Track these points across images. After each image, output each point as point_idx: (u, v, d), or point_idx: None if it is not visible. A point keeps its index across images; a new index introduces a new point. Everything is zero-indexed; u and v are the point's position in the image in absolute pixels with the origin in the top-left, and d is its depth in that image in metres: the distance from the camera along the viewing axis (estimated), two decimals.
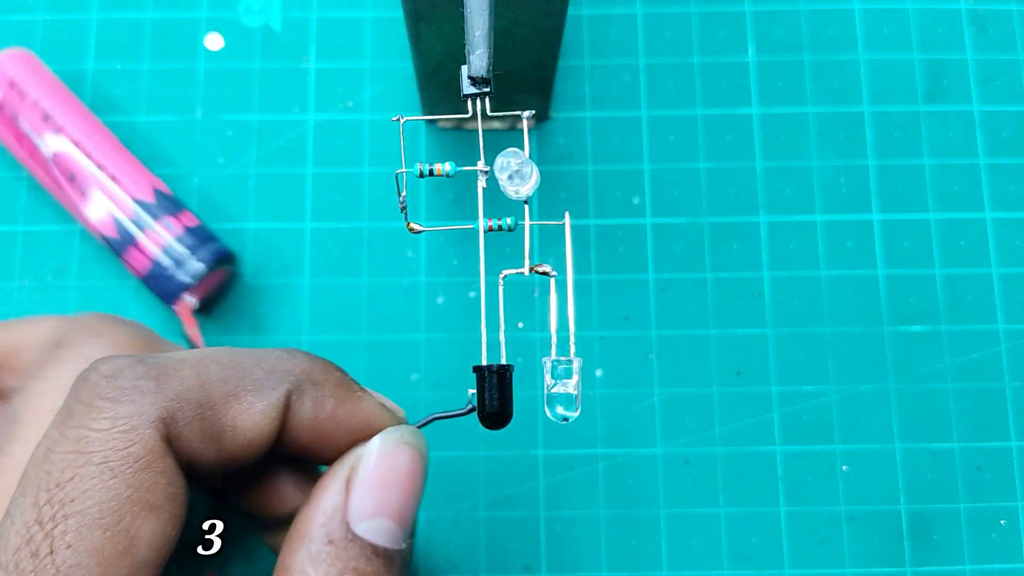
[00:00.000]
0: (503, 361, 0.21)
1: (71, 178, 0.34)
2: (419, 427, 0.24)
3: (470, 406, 0.23)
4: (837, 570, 0.34)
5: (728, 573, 0.34)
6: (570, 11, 0.29)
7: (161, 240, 0.34)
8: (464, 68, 0.21)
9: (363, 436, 0.23)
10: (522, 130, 0.36)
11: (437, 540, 0.34)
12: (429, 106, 0.35)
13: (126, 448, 0.20)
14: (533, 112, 0.22)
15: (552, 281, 0.22)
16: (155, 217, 0.34)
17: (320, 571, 0.21)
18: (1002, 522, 0.34)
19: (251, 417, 0.21)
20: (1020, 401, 0.35)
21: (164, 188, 0.35)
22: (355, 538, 0.22)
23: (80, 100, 0.36)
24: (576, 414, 0.21)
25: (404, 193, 0.21)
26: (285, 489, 0.25)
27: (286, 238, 0.36)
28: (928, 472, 0.35)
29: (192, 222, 0.34)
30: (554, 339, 0.21)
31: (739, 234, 0.36)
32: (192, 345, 0.34)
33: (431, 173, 0.21)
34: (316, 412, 0.22)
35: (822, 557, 0.34)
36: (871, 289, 0.36)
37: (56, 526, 0.19)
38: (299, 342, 0.35)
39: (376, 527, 0.22)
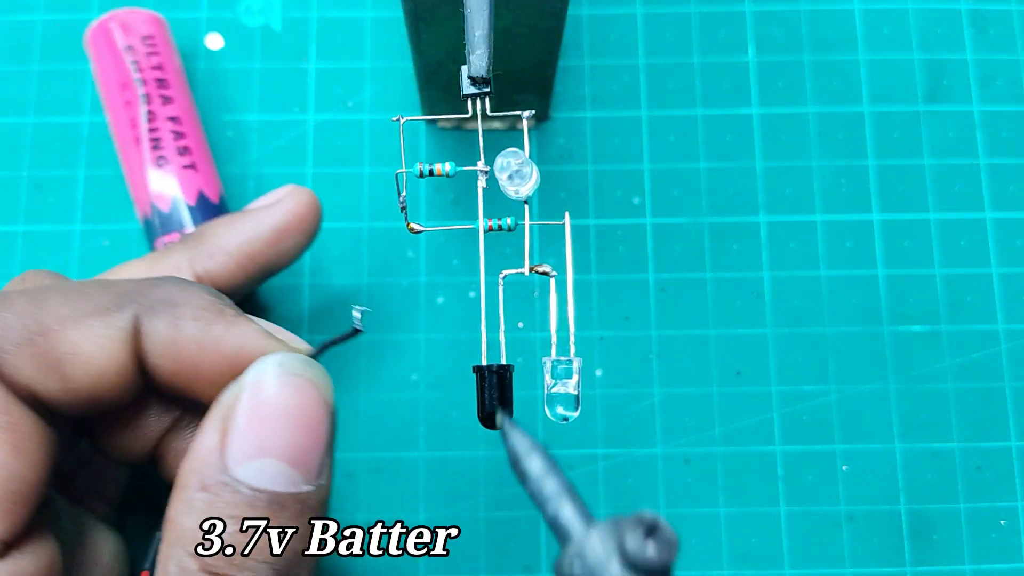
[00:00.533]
0: (503, 361, 0.20)
1: (156, 144, 0.34)
2: (313, 355, 0.21)
3: (354, 328, 0.21)
4: (837, 570, 0.34)
5: (728, 573, 0.34)
6: (570, 11, 0.29)
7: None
8: (464, 68, 0.21)
9: (240, 368, 0.20)
10: (522, 130, 0.36)
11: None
12: (429, 106, 0.35)
13: None
14: (533, 112, 0.22)
15: (552, 281, 0.22)
16: (204, 217, 0.34)
17: (193, 519, 0.19)
18: (1002, 522, 0.34)
19: (93, 340, 0.20)
20: (1020, 401, 0.35)
21: (222, 195, 0.35)
22: (233, 481, 0.19)
23: (191, 91, 0.37)
24: (576, 414, 0.21)
25: (404, 193, 0.21)
26: (149, 427, 0.23)
27: None
28: (928, 472, 0.35)
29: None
30: (554, 339, 0.21)
31: (739, 234, 0.36)
32: None
33: (431, 173, 0.21)
34: (172, 336, 0.20)
35: (822, 557, 0.34)
36: (871, 289, 0.36)
37: None
38: None
39: (261, 468, 0.19)
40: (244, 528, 0.19)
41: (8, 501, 0.19)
